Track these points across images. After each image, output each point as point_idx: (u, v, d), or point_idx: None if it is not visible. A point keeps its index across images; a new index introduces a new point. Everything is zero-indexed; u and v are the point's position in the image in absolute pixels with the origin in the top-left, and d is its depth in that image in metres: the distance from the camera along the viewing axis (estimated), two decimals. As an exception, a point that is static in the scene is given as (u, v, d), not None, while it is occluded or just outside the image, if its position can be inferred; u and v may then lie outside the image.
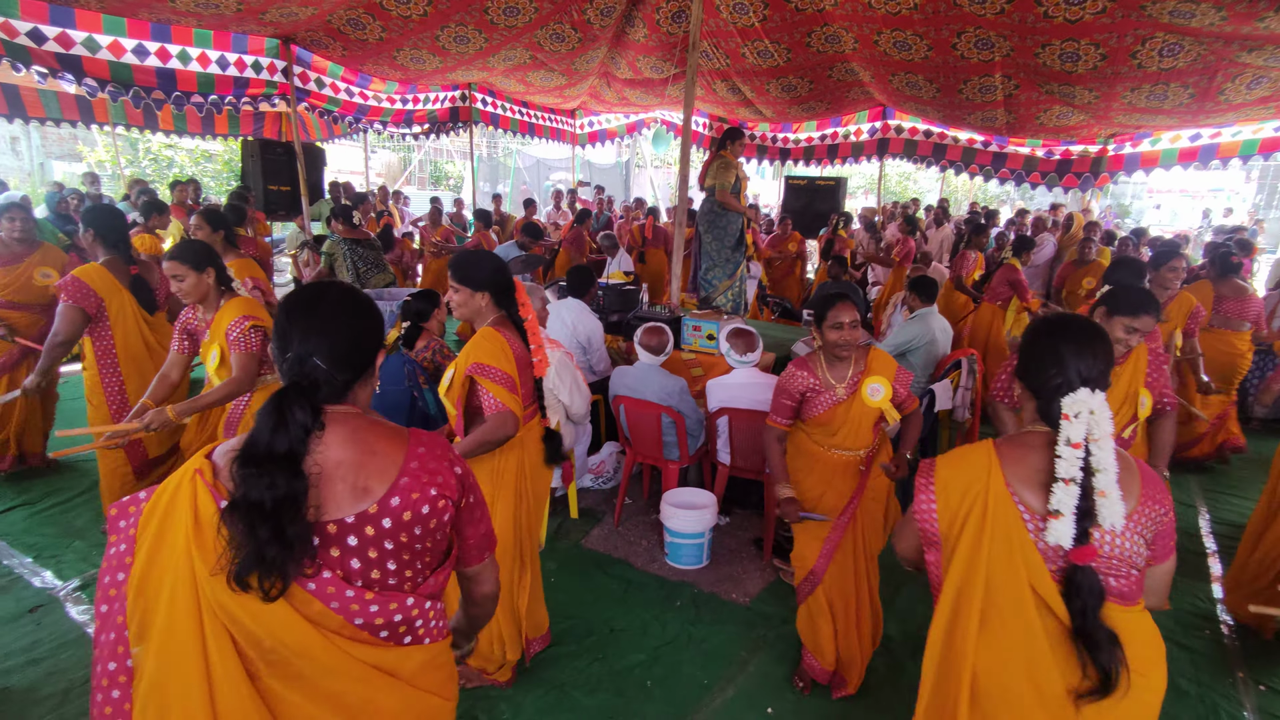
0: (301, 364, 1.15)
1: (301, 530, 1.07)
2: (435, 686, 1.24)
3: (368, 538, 1.13)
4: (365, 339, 1.23)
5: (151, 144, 14.65)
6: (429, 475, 1.18)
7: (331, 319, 1.19)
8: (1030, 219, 9.96)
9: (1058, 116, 6.54)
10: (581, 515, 3.97)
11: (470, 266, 2.32)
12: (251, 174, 7.67)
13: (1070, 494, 1.34)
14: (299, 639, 1.08)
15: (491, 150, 22.12)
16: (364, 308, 1.25)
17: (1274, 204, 20.14)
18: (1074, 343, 1.43)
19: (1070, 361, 1.41)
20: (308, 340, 1.16)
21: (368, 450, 1.16)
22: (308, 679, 1.10)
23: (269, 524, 1.03)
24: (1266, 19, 4.03)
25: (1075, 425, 1.36)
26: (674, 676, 2.73)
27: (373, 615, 1.13)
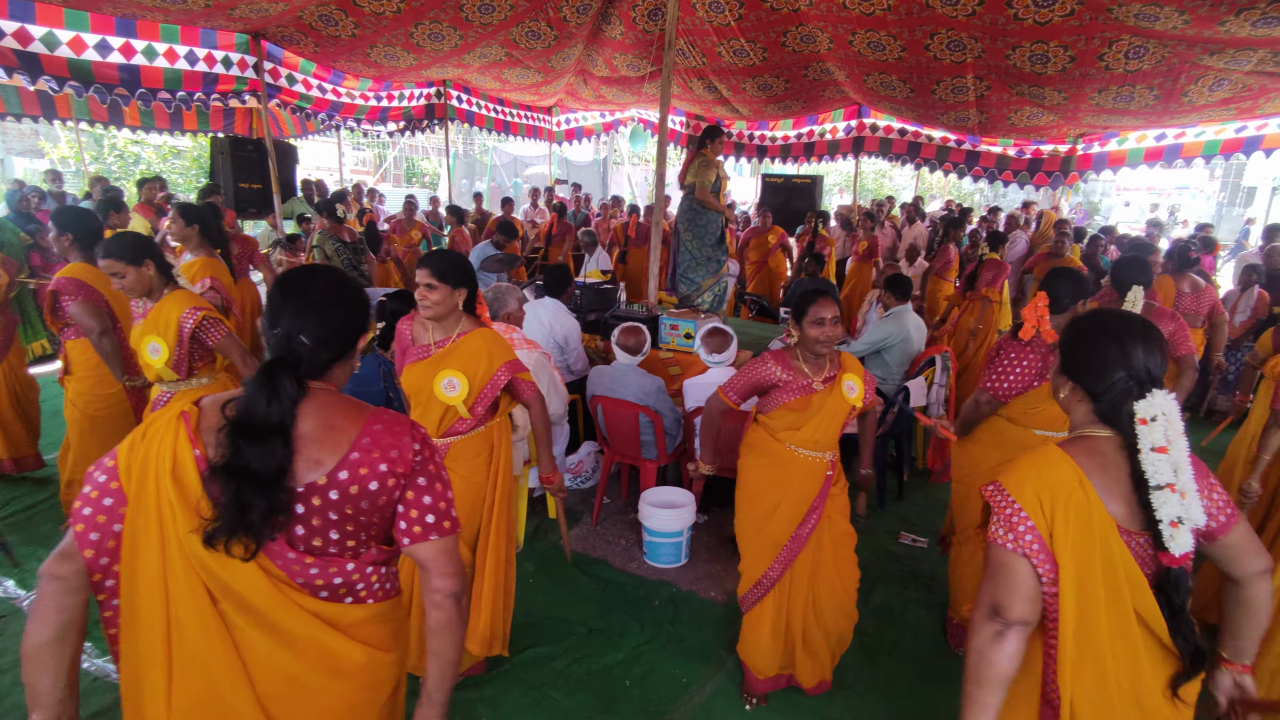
0: (289, 340, 1.22)
1: (286, 497, 1.16)
2: (374, 640, 1.29)
3: (314, 507, 1.20)
4: (351, 323, 1.31)
5: (117, 140, 14.31)
6: (380, 451, 1.24)
7: (322, 301, 1.27)
8: (1003, 216, 10.12)
9: (1028, 117, 6.65)
10: (560, 515, 3.97)
11: (452, 265, 2.34)
12: (221, 171, 7.53)
13: (1175, 500, 1.27)
14: (253, 588, 1.17)
15: (468, 147, 21.96)
16: (353, 294, 1.32)
17: (1236, 201, 20.64)
18: (1139, 340, 1.35)
19: (1136, 361, 1.34)
20: (298, 318, 1.23)
21: (326, 424, 1.23)
22: (261, 614, 1.19)
23: (263, 491, 1.13)
24: (1227, 23, 4.13)
25: (1156, 429, 1.29)
26: (653, 675, 2.74)
27: (312, 577, 1.21)
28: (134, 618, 1.17)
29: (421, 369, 2.36)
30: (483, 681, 2.66)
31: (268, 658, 1.20)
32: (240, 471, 1.12)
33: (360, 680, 1.28)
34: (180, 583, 1.15)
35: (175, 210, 4.05)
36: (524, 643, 2.88)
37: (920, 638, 3.04)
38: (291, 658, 1.21)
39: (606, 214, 10.74)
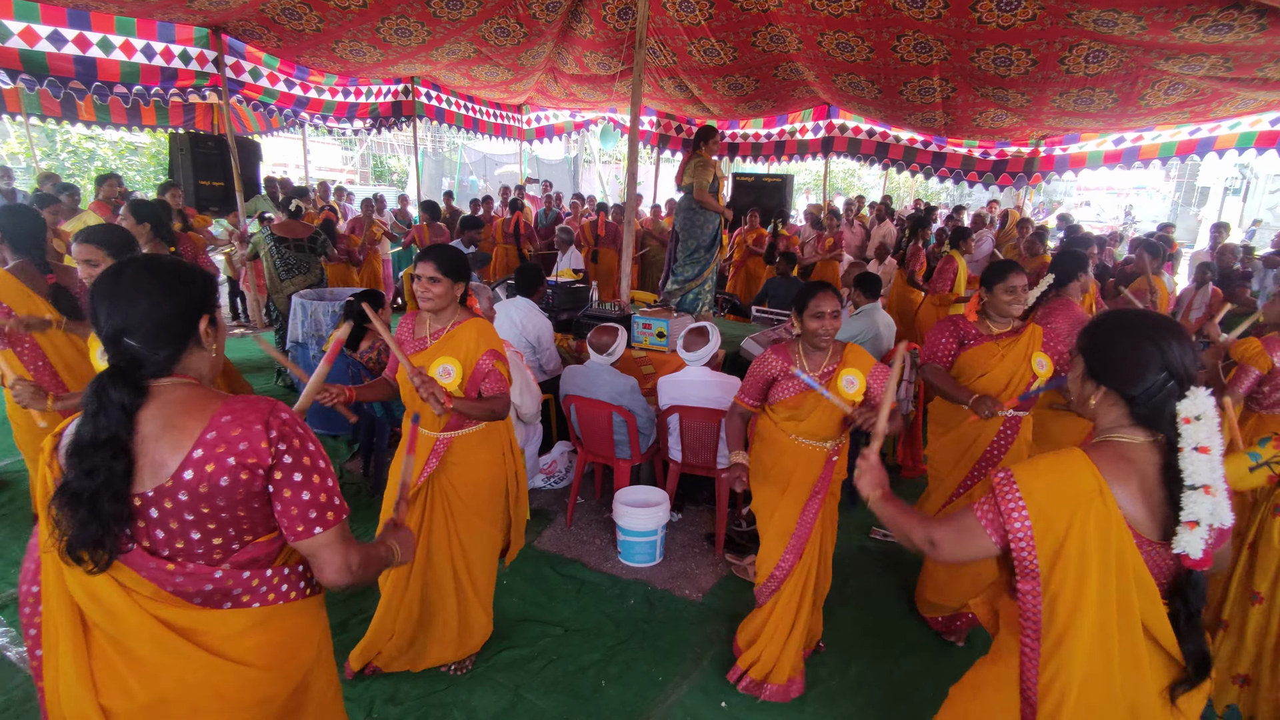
0: (115, 344, 1.16)
1: (116, 510, 1.12)
2: (250, 655, 1.23)
3: (167, 511, 1.16)
4: (177, 310, 1.20)
5: (71, 135, 13.86)
6: (227, 445, 1.15)
7: (134, 296, 1.16)
8: (970, 215, 10.31)
9: (993, 118, 6.79)
10: (534, 516, 3.94)
11: (455, 259, 2.40)
12: (181, 168, 7.35)
13: (1206, 503, 1.22)
14: (112, 603, 1.15)
15: (437, 145, 21.72)
16: (169, 279, 1.20)
17: (1191, 201, 21.32)
18: (1173, 338, 1.31)
19: (1174, 358, 1.30)
20: (116, 320, 1.16)
21: (167, 424, 1.16)
22: (116, 639, 1.17)
23: (86, 507, 1.10)
24: (1181, 29, 4.26)
25: (1199, 428, 1.25)
26: (628, 674, 2.73)
27: (180, 584, 1.18)
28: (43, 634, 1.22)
29: (418, 360, 2.41)
30: (458, 683, 2.63)
31: (146, 675, 1.17)
32: (65, 492, 1.11)
33: (244, 701, 1.23)
34: (55, 601, 1.17)
35: (126, 207, 3.92)
36: (499, 644, 2.85)
37: (893, 632, 3.08)
38: (165, 675, 1.18)
39: (577, 211, 10.71)
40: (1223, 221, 8.08)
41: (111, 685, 1.18)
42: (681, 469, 3.73)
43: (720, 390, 3.56)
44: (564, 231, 8.21)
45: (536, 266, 4.68)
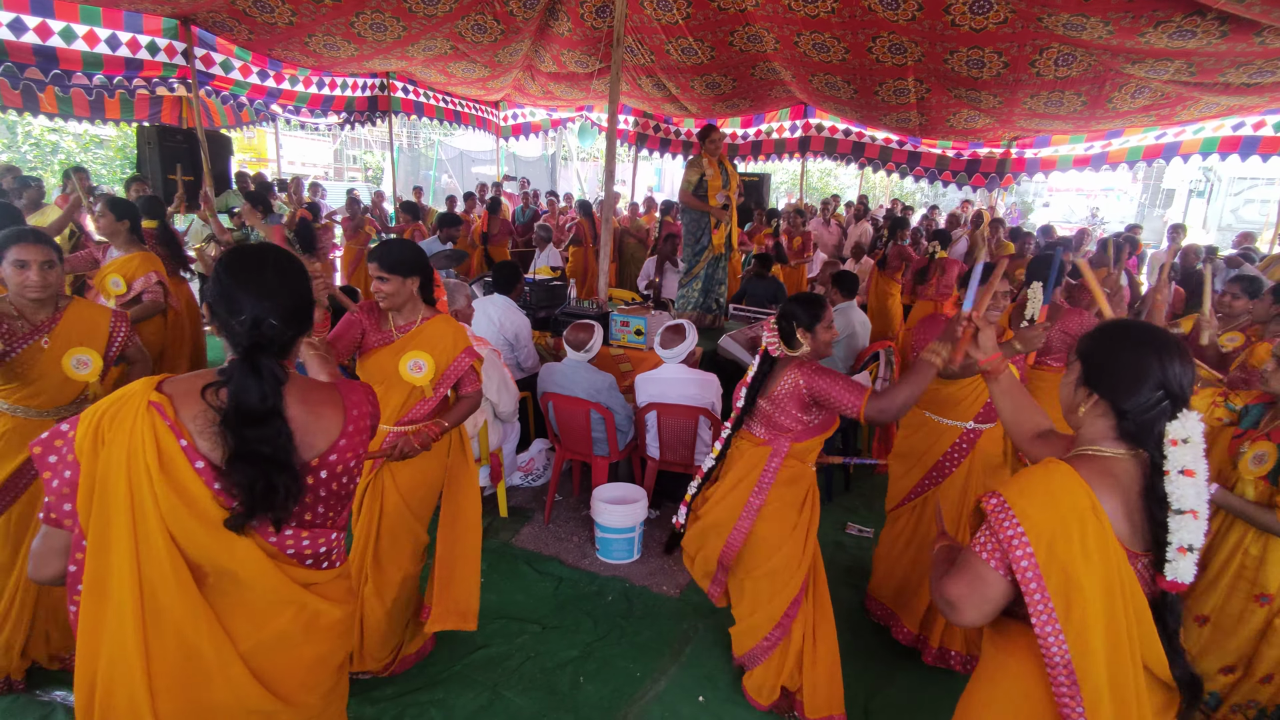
0: (259, 325, 1.23)
1: (292, 475, 1.22)
2: (342, 597, 1.40)
3: (306, 485, 1.28)
4: (309, 298, 1.35)
5: (33, 127, 13.49)
6: (361, 437, 1.36)
7: (280, 280, 1.28)
8: (945, 215, 10.45)
9: (966, 119, 6.89)
10: (511, 514, 3.93)
11: (399, 254, 2.35)
12: (149, 162, 7.19)
13: (1195, 527, 1.19)
14: (249, 563, 1.23)
15: (412, 141, 21.50)
16: (301, 267, 1.35)
17: (1157, 203, 21.82)
18: (1176, 355, 1.26)
19: (1173, 376, 1.25)
20: (262, 301, 1.24)
21: (315, 412, 1.30)
22: (253, 585, 1.25)
23: (284, 471, 1.20)
24: (1146, 34, 4.36)
25: (1186, 451, 1.21)
26: (607, 670, 2.74)
27: (303, 549, 1.30)
28: (103, 595, 1.18)
29: (385, 354, 2.39)
30: (435, 682, 2.62)
31: (256, 620, 1.27)
32: (259, 458, 1.18)
33: (335, 632, 1.39)
34: (160, 561, 1.18)
35: (105, 204, 3.82)
36: (477, 641, 2.84)
37: (865, 625, 3.12)
38: (279, 619, 1.29)
39: (555, 209, 10.67)
40: (1179, 223, 8.31)
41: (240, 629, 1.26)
42: (659, 466, 3.74)
43: (697, 388, 3.58)
44: (542, 229, 8.18)
45: (514, 264, 4.66)
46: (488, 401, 3.58)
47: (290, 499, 1.22)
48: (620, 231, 8.98)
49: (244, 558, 1.22)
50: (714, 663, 2.82)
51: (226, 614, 1.25)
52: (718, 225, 5.43)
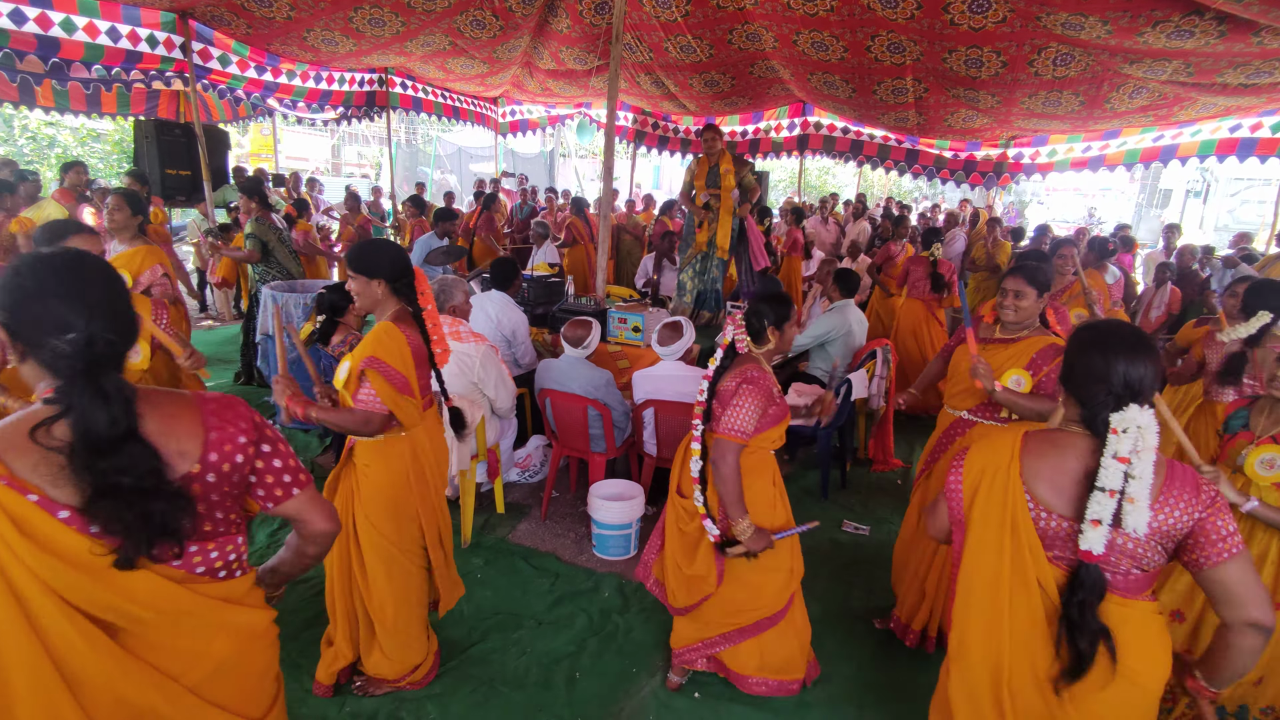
0: (93, 343, 1.07)
1: (172, 496, 1.13)
2: (261, 602, 1.35)
3: (196, 495, 1.19)
4: (130, 303, 1.20)
5: (30, 121, 13.44)
6: (233, 427, 1.24)
7: (107, 290, 1.14)
8: (943, 214, 10.47)
9: (964, 119, 6.90)
10: (508, 510, 3.94)
11: (365, 254, 2.28)
12: (146, 156, 7.18)
13: (1110, 504, 1.38)
14: (165, 598, 1.15)
15: (411, 137, 21.45)
16: (114, 270, 1.21)
17: (1154, 203, 21.87)
18: (1124, 355, 1.44)
19: (1119, 374, 1.43)
20: (93, 314, 1.09)
21: (174, 417, 1.19)
22: (170, 616, 1.17)
23: (158, 499, 1.10)
24: (1145, 34, 4.37)
25: (1124, 440, 1.39)
26: (602, 666, 2.75)
27: (214, 561, 1.23)
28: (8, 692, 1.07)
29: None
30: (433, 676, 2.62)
31: (193, 652, 1.22)
32: (121, 491, 1.06)
33: (268, 640, 1.36)
34: (62, 632, 1.07)
35: (121, 198, 3.80)
36: (473, 637, 2.85)
37: (861, 622, 3.13)
38: (215, 643, 1.24)
39: (552, 206, 10.66)
40: (1174, 223, 8.33)
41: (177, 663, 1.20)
42: (656, 463, 3.75)
43: (695, 384, 3.58)
44: (539, 225, 8.16)
45: (512, 260, 4.66)
46: (485, 397, 3.58)
47: (174, 521, 1.12)
48: (617, 228, 8.97)
49: (150, 595, 1.13)
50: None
51: (157, 657, 1.17)
52: (700, 225, 5.52)
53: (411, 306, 2.34)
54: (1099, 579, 1.43)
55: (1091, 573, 1.43)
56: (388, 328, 2.25)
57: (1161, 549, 1.45)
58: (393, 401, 2.22)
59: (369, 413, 2.21)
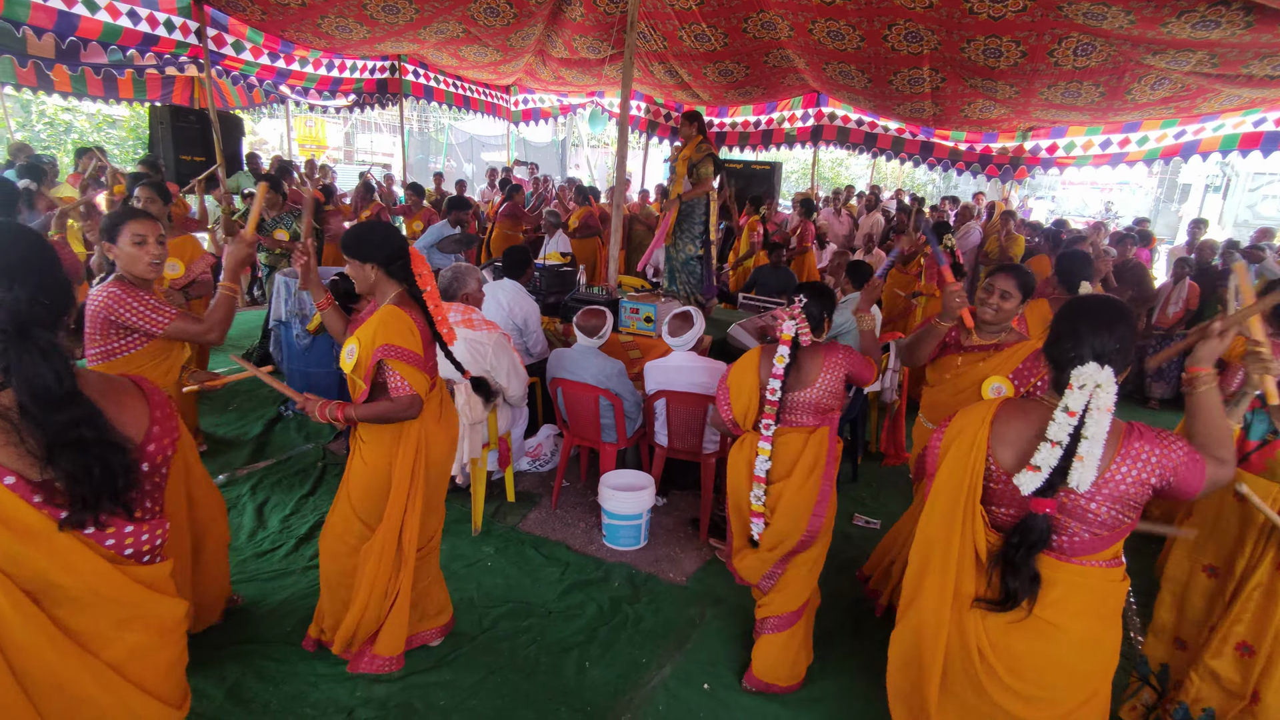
0: (18, 304, 1.10)
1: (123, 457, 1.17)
2: (175, 591, 1.38)
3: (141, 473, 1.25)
4: (62, 269, 1.23)
5: (47, 107, 13.53)
6: (171, 423, 1.32)
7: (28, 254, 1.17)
8: (957, 207, 10.37)
9: (981, 109, 6.82)
10: (519, 498, 3.95)
11: (358, 238, 2.30)
12: (161, 142, 7.22)
13: (1053, 455, 1.49)
14: (95, 570, 1.18)
15: (423, 125, 21.44)
16: (43, 239, 1.25)
17: (1174, 198, 21.57)
18: (1089, 321, 1.56)
19: (1085, 338, 1.54)
20: (17, 280, 1.11)
21: (118, 402, 1.24)
22: (82, 604, 1.20)
23: (116, 451, 1.14)
24: (1169, 24, 4.29)
25: (1077, 395, 1.49)
26: (612, 656, 2.75)
27: (142, 544, 1.27)
28: None
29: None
30: (441, 664, 2.64)
31: (105, 635, 1.24)
32: (82, 442, 1.10)
33: (179, 633, 1.39)
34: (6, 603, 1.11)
35: (152, 191, 3.82)
36: (484, 624, 2.86)
37: (871, 615, 3.12)
38: (128, 631, 1.27)
39: (564, 197, 10.63)
40: (1201, 218, 8.19)
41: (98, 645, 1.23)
42: (667, 454, 3.75)
43: (707, 375, 3.57)
44: (551, 215, 8.14)
45: (525, 248, 4.66)
46: (499, 386, 3.59)
47: (129, 482, 1.17)
48: (630, 218, 8.94)
49: (84, 568, 1.17)
50: (719, 650, 2.83)
51: (81, 632, 1.21)
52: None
53: (411, 288, 2.35)
54: (1042, 529, 1.53)
55: (1036, 521, 1.53)
56: (393, 310, 2.26)
57: (1119, 513, 1.53)
58: (418, 380, 2.24)
59: (410, 398, 2.23)
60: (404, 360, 2.21)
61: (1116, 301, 1.62)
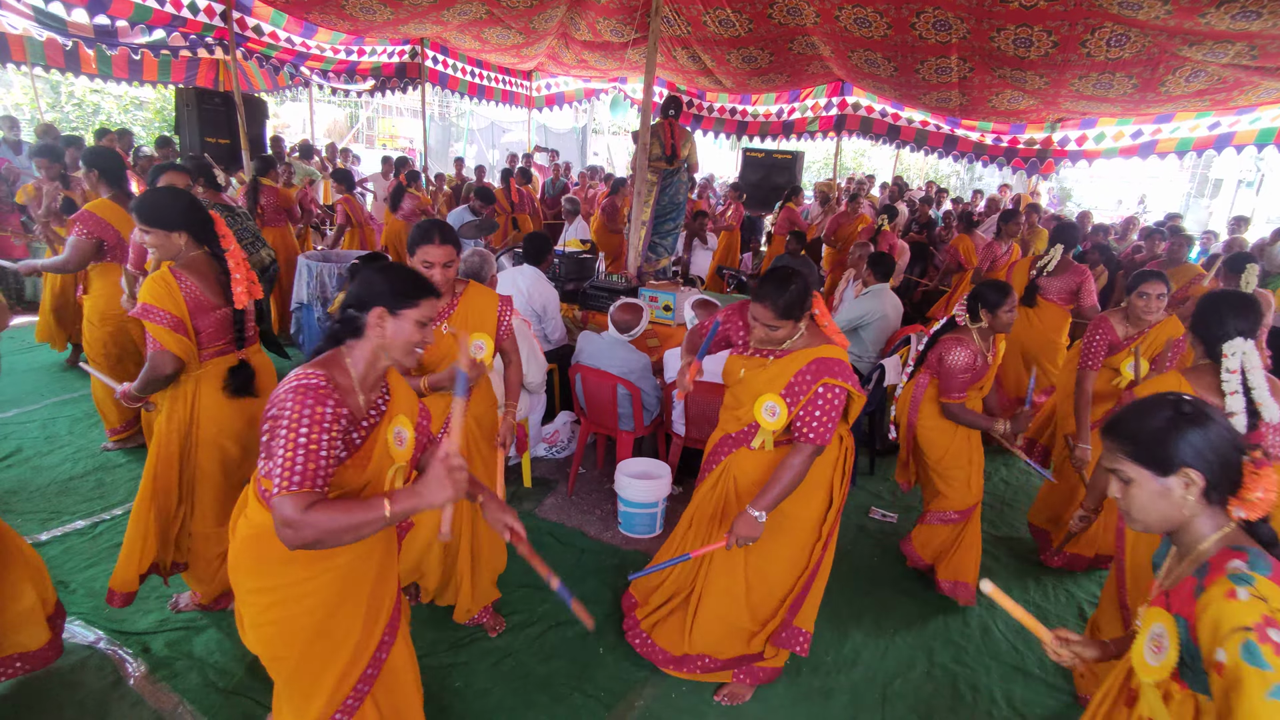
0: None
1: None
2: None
3: None
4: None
5: (75, 88, 13.69)
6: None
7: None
8: (984, 200, 10.22)
9: (1009, 100, 6.69)
10: (535, 484, 3.97)
11: (158, 208, 2.31)
12: (186, 124, 7.26)
13: (1238, 401, 2.01)
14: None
15: (444, 110, 21.43)
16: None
17: (1204, 193, 21.11)
18: (1231, 307, 2.10)
19: (1229, 320, 2.08)
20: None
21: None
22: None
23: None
24: (1208, 15, 4.17)
25: (1232, 359, 2.04)
26: (626, 643, 2.76)
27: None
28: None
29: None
30: (458, 646, 2.67)
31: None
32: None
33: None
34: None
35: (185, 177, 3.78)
36: (499, 609, 2.88)
37: (888, 608, 3.11)
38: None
39: (584, 183, 10.61)
40: (1243, 215, 8.01)
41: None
42: (684, 443, 3.74)
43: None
44: (570, 202, 8.13)
45: (545, 235, 4.65)
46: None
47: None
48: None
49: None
50: (733, 639, 2.83)
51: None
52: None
53: (214, 251, 2.41)
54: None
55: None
56: (159, 273, 2.31)
57: None
58: (169, 339, 2.29)
59: (159, 354, 2.30)
60: (155, 321, 2.28)
61: (1243, 293, 2.19)
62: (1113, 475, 1.30)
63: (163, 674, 2.43)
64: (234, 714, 2.30)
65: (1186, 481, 1.21)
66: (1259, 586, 1.08)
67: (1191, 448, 1.20)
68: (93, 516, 3.33)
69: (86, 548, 3.10)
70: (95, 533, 3.21)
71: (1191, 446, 1.20)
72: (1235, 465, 1.21)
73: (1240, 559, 1.14)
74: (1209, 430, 1.21)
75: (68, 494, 3.52)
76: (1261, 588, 1.08)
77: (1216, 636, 1.08)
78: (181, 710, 2.29)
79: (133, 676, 2.41)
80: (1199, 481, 1.20)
